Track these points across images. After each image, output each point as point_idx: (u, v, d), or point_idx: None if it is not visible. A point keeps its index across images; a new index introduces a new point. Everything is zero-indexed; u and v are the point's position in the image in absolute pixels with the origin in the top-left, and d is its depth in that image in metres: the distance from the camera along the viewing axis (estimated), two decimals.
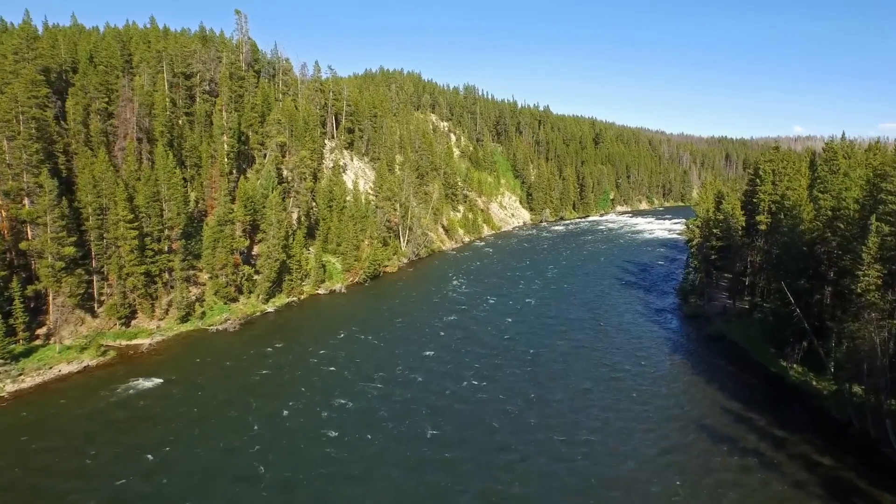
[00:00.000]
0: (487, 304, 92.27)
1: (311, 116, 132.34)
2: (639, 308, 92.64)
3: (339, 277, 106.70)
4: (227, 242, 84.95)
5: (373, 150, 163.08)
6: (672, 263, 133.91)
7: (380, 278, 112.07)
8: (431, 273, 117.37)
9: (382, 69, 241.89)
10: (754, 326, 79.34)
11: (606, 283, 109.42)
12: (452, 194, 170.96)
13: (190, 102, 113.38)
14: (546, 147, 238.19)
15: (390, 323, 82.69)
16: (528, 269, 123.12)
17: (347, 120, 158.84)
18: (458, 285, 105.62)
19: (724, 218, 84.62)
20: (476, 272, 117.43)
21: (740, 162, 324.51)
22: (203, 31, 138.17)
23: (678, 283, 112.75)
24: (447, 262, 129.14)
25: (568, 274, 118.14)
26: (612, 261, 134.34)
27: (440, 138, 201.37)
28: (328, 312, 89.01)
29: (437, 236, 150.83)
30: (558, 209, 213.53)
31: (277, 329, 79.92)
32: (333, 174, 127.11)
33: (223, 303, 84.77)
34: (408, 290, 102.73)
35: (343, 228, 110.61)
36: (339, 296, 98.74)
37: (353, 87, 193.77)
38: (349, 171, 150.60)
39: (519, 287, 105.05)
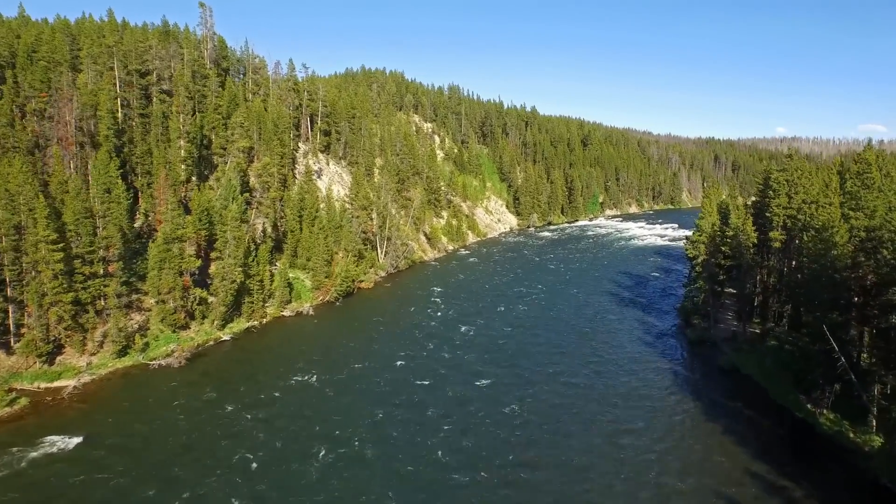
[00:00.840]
0: (466, 334, 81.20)
1: (281, 118, 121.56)
2: (638, 334, 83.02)
3: (308, 296, 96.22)
4: (174, 263, 74.27)
5: (351, 153, 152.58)
6: (668, 275, 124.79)
7: (354, 296, 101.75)
8: (409, 290, 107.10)
9: (364, 68, 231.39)
10: (769, 357, 70.04)
11: (600, 302, 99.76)
12: (435, 200, 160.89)
13: (146, 103, 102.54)
14: (533, 149, 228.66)
15: (353, 359, 71.54)
16: (513, 283, 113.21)
17: (323, 121, 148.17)
18: (436, 307, 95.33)
19: (734, 234, 75.24)
20: (457, 289, 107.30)
21: (729, 164, 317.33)
22: (166, 25, 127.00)
23: (677, 298, 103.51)
24: (427, 276, 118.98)
25: (557, 290, 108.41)
26: (605, 273, 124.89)
27: (423, 140, 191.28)
28: (289, 342, 78.37)
29: (419, 245, 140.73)
30: (546, 213, 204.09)
31: (227, 364, 69.28)
32: (305, 181, 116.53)
33: (171, 331, 74.08)
34: (380, 313, 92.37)
35: (313, 241, 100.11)
36: (306, 319, 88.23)
37: (331, 87, 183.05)
38: (324, 176, 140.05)
39: (502, 309, 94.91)
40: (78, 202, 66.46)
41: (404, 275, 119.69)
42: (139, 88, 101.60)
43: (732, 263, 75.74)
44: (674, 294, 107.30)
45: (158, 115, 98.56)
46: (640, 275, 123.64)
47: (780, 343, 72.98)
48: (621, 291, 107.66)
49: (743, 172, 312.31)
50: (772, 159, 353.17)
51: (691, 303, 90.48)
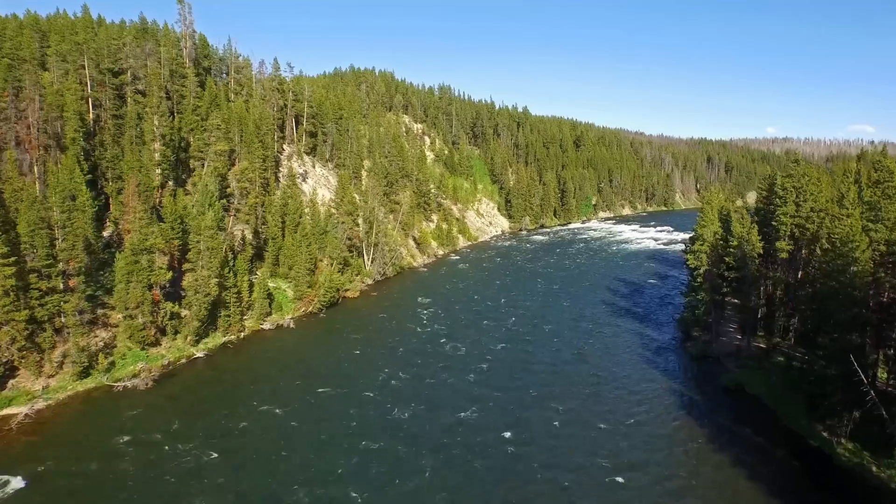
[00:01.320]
0: (453, 352, 76.00)
1: (264, 119, 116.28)
2: (637, 348, 78.44)
3: (290, 308, 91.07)
4: (143, 275, 68.96)
5: (338, 155, 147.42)
6: (665, 282, 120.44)
7: (338, 306, 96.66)
8: (395, 300, 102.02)
9: (353, 67, 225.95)
10: (777, 375, 65.70)
11: (595, 313, 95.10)
12: (425, 203, 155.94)
13: (120, 104, 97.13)
14: (525, 150, 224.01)
15: (332, 380, 65.92)
16: (504, 292, 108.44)
17: (309, 122, 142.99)
18: (422, 319, 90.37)
19: (738, 244, 70.76)
20: (445, 299, 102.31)
21: (722, 165, 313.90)
22: (144, 22, 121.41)
23: (676, 308, 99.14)
24: (416, 284, 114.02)
25: (550, 300, 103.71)
26: (599, 280, 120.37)
27: (413, 141, 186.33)
28: (265, 359, 73.14)
29: (408, 250, 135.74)
30: (538, 216, 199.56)
31: (198, 386, 64.04)
32: (289, 184, 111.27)
33: (139, 349, 68.82)
34: (364, 326, 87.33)
35: (295, 249, 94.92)
36: (286, 332, 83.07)
37: (318, 87, 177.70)
38: (310, 179, 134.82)
39: (492, 322, 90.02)
40: (33, 212, 61.05)
41: (392, 282, 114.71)
42: (112, 88, 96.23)
43: (737, 275, 71.24)
44: (671, 303, 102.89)
45: (133, 117, 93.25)
46: (636, 282, 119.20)
47: (787, 360, 68.56)
48: (617, 300, 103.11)
49: (736, 173, 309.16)
50: (764, 160, 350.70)
51: (691, 314, 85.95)
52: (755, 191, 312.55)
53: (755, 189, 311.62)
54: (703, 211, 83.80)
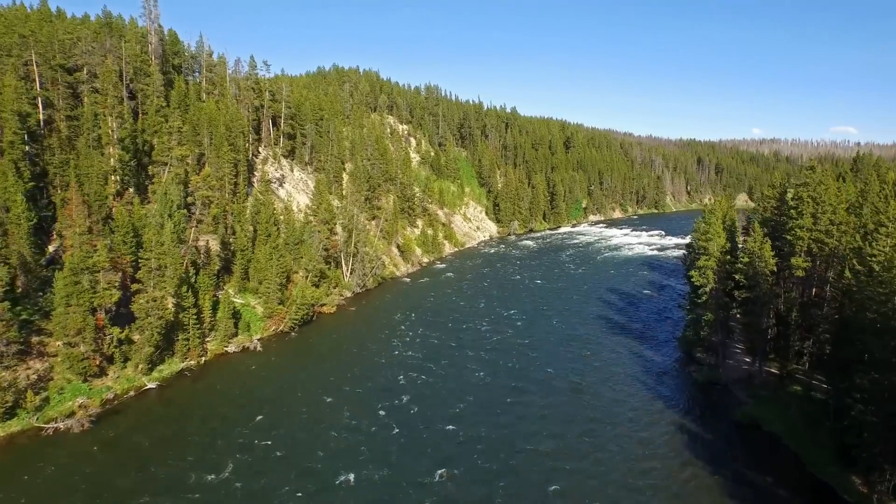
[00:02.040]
0: (433, 381, 67.88)
1: (235, 120, 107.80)
2: (636, 374, 71.06)
3: (258, 327, 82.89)
4: (85, 297, 60.60)
5: (317, 158, 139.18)
6: (661, 292, 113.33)
7: (313, 323, 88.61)
8: (374, 316, 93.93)
9: (336, 66, 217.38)
10: (795, 407, 58.57)
11: (589, 332, 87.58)
12: (409, 208, 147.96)
13: (76, 103, 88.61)
14: (514, 152, 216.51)
15: (295, 418, 58.41)
16: (491, 307, 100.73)
17: (287, 124, 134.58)
18: (401, 340, 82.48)
19: (750, 260, 63.51)
20: (428, 314, 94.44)
21: (713, 166, 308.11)
22: (108, 16, 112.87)
23: (675, 323, 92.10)
24: (397, 298, 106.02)
25: (540, 316, 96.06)
26: (592, 291, 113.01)
27: (398, 143, 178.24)
28: (224, 390, 64.89)
29: (391, 259, 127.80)
30: (528, 220, 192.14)
31: (143, 425, 55.63)
32: (262, 190, 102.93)
33: (80, 381, 60.47)
34: (337, 348, 79.43)
35: (266, 262, 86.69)
36: (252, 356, 74.91)
37: (300, 87, 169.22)
38: (287, 183, 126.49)
39: (477, 344, 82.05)
40: None
41: (372, 295, 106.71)
42: (65, 86, 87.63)
43: (748, 295, 63.97)
44: (670, 317, 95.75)
45: (89, 118, 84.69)
46: (631, 293, 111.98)
47: (804, 389, 61.60)
48: (612, 315, 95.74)
49: (727, 175, 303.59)
50: (752, 161, 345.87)
51: (693, 333, 78.51)
52: (745, 192, 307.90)
53: (745, 191, 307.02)
54: (706, 221, 76.45)
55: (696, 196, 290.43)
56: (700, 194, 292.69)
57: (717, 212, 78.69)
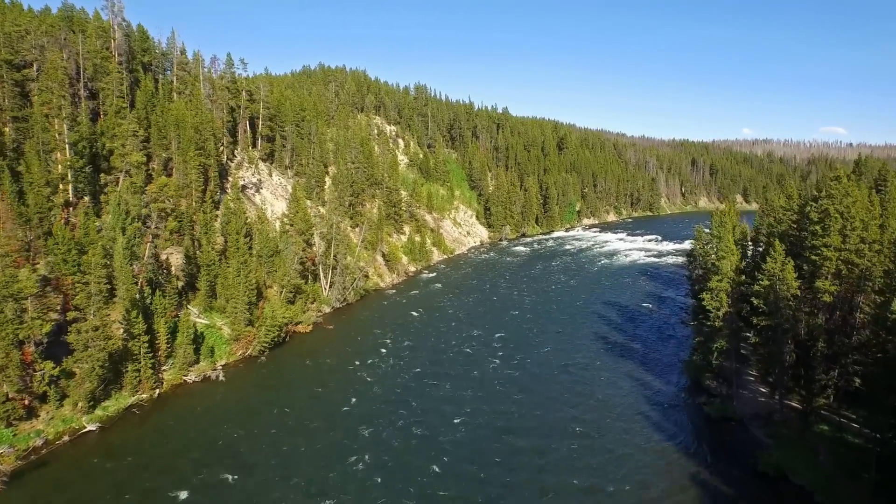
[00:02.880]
0: (411, 421, 59.55)
1: (205, 122, 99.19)
2: (640, 406, 63.27)
3: (224, 351, 74.54)
4: (7, 330, 52.10)
5: (298, 162, 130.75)
6: (661, 305, 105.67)
7: (286, 344, 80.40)
8: (352, 337, 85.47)
9: (322, 66, 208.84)
10: (826, 452, 50.90)
11: (587, 356, 79.66)
12: (396, 214, 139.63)
13: (24, 103, 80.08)
14: (506, 153, 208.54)
15: (251, 469, 50.96)
16: (478, 325, 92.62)
17: (265, 125, 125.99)
18: (379, 366, 74.46)
19: (770, 283, 55.72)
20: (410, 335, 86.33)
21: (707, 167, 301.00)
22: (70, 8, 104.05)
23: (679, 342, 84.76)
24: (380, 313, 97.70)
25: (533, 337, 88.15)
26: (588, 305, 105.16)
27: (385, 145, 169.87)
28: (174, 431, 56.49)
29: (375, 269, 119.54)
30: (520, 224, 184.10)
31: (69, 481, 47.04)
32: (233, 198, 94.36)
33: (3, 427, 51.99)
34: (308, 376, 71.26)
35: (233, 278, 78.24)
36: (214, 387, 66.60)
37: (282, 87, 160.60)
38: (264, 189, 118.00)
39: (462, 372, 73.92)
40: None
41: (353, 310, 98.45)
42: (11, 84, 79.02)
43: (768, 322, 56.16)
44: (673, 336, 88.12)
45: (39, 119, 76.19)
46: (629, 306, 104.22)
47: (834, 429, 54.05)
48: (610, 335, 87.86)
49: (721, 176, 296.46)
50: (746, 162, 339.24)
51: (702, 357, 70.86)
52: (740, 194, 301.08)
53: (739, 192, 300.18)
54: (716, 234, 68.67)
55: (690, 198, 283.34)
56: (695, 196, 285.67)
57: (728, 223, 70.93)
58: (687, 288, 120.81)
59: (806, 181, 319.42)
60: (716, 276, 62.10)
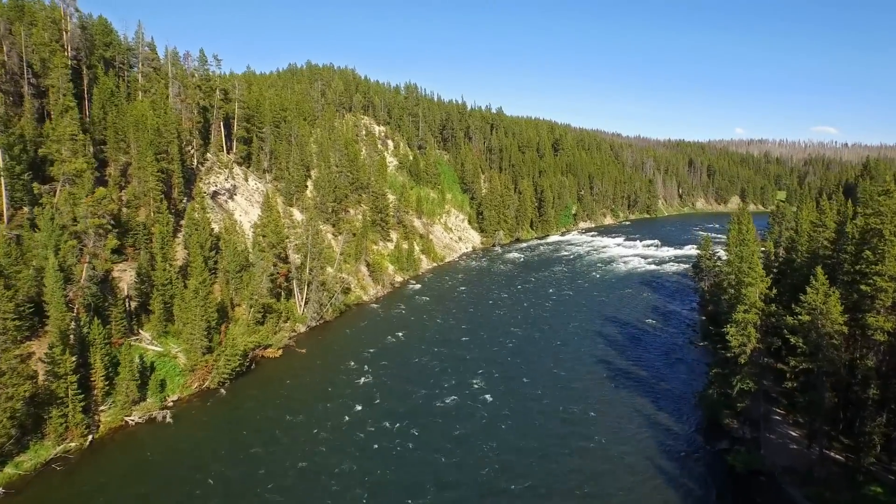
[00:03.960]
0: (384, 475, 50.61)
1: (170, 123, 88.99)
2: (650, 450, 53.67)
3: (177, 384, 64.49)
4: None
5: (278, 165, 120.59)
6: (667, 322, 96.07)
7: (251, 373, 70.45)
8: (326, 364, 75.30)
9: (310, 64, 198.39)
10: None
11: (586, 386, 69.89)
12: (382, 220, 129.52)
13: None
14: (499, 155, 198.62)
15: None
16: (467, 348, 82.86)
17: (240, 126, 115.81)
18: (352, 401, 64.78)
19: (811, 319, 46.03)
20: (388, 361, 76.16)
21: (704, 168, 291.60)
22: None
23: (689, 368, 75.28)
24: (359, 333, 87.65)
25: (527, 362, 78.40)
26: (586, 321, 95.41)
27: (373, 146, 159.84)
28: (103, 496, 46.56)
29: (358, 280, 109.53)
30: (514, 229, 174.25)
31: None
32: (196, 206, 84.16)
33: None
34: (271, 415, 60.94)
35: (189, 300, 68.07)
36: (160, 429, 56.51)
37: (265, 85, 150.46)
38: (238, 195, 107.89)
39: (446, 405, 64.41)
40: None
41: (331, 329, 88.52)
42: None
43: (808, 366, 46.47)
44: (682, 360, 78.53)
45: None
46: (631, 323, 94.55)
47: (889, 493, 44.30)
48: (612, 359, 78.15)
49: (719, 177, 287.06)
50: (743, 163, 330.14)
51: (719, 392, 61.19)
52: (738, 195, 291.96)
53: (737, 194, 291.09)
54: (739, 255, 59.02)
55: (688, 200, 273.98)
56: (692, 198, 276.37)
57: (749, 240, 61.19)
58: (693, 300, 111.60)
59: (804, 182, 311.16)
60: (741, 306, 52.29)
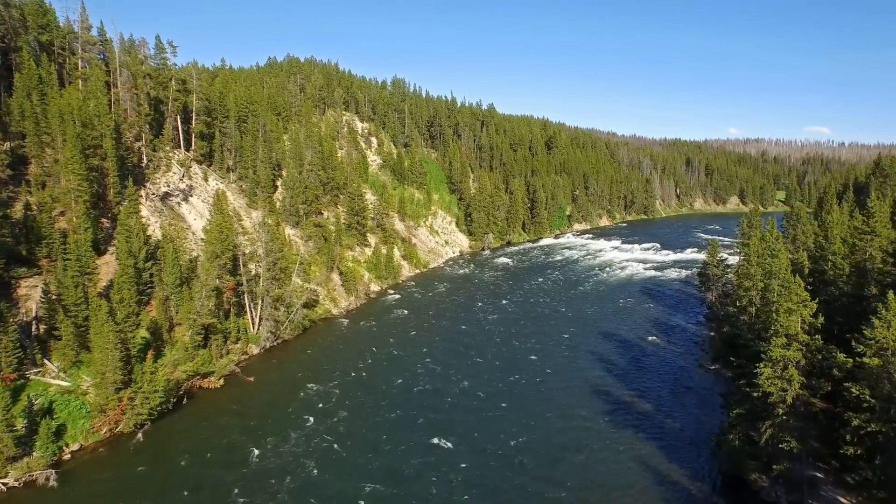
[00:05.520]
0: None
1: (104, 115, 76.35)
2: None
3: (81, 429, 51.87)
4: None
5: (243, 164, 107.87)
6: (671, 338, 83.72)
7: (182, 409, 57.87)
8: (276, 397, 62.43)
9: (290, 57, 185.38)
10: None
11: (581, 428, 57.49)
12: (359, 223, 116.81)
13: None
14: (490, 153, 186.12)
15: None
16: (445, 377, 70.44)
17: (199, 121, 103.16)
18: (308, 452, 52.22)
19: (882, 364, 33.53)
20: (350, 391, 63.98)
21: (702, 168, 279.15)
22: None
23: (701, 395, 62.84)
24: (320, 356, 74.96)
25: (515, 395, 66.06)
26: (583, 340, 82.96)
27: (354, 144, 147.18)
28: None
29: (328, 290, 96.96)
30: (504, 231, 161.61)
31: None
32: (129, 212, 71.32)
33: None
34: (195, 473, 48.44)
35: (100, 325, 55.31)
36: (39, 497, 43.88)
37: (237, 79, 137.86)
38: (195, 196, 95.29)
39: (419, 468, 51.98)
40: None
41: (289, 350, 75.98)
42: None
43: (877, 426, 33.98)
44: (691, 387, 66.22)
45: None
46: (631, 341, 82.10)
47: None
48: (611, 388, 65.68)
49: (717, 177, 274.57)
50: (741, 162, 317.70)
51: (741, 437, 48.79)
52: (736, 195, 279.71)
53: (736, 194, 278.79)
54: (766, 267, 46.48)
55: (685, 200, 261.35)
56: (690, 198, 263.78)
57: (780, 250, 48.64)
58: (698, 311, 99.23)
59: (804, 181, 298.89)
60: (778, 339, 39.72)
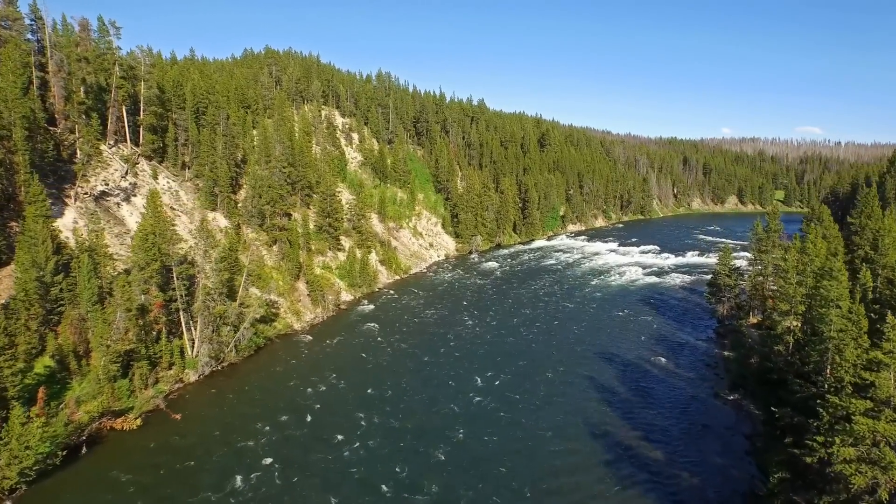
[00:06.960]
0: None
1: (13, 100, 63.84)
2: None
3: None
4: None
5: (199, 160, 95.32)
6: (678, 359, 71.84)
7: (82, 460, 45.55)
8: (210, 437, 50.37)
9: (268, 48, 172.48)
10: None
11: (575, 489, 45.49)
12: (331, 225, 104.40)
13: None
14: (479, 150, 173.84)
15: None
16: (418, 412, 58.40)
17: (148, 112, 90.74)
18: None
19: None
20: (308, 434, 51.85)
21: (700, 167, 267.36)
22: None
23: (719, 436, 50.98)
24: (270, 383, 62.64)
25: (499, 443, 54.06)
26: (576, 363, 70.92)
27: (333, 139, 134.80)
28: None
29: (291, 302, 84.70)
30: (494, 233, 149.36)
31: None
32: (36, 216, 58.82)
33: None
34: None
35: None
36: None
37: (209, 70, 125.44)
38: (139, 197, 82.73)
39: None
40: None
41: (236, 375, 63.67)
42: None
43: None
44: (710, 425, 54.26)
45: None
46: (634, 363, 70.16)
47: None
48: (611, 427, 53.74)
49: (715, 176, 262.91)
50: (738, 161, 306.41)
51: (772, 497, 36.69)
52: (735, 195, 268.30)
53: (734, 193, 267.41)
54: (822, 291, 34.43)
55: (683, 199, 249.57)
56: (688, 198, 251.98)
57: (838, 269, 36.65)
58: (707, 325, 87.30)
59: (803, 181, 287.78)
60: (860, 402, 27.48)
